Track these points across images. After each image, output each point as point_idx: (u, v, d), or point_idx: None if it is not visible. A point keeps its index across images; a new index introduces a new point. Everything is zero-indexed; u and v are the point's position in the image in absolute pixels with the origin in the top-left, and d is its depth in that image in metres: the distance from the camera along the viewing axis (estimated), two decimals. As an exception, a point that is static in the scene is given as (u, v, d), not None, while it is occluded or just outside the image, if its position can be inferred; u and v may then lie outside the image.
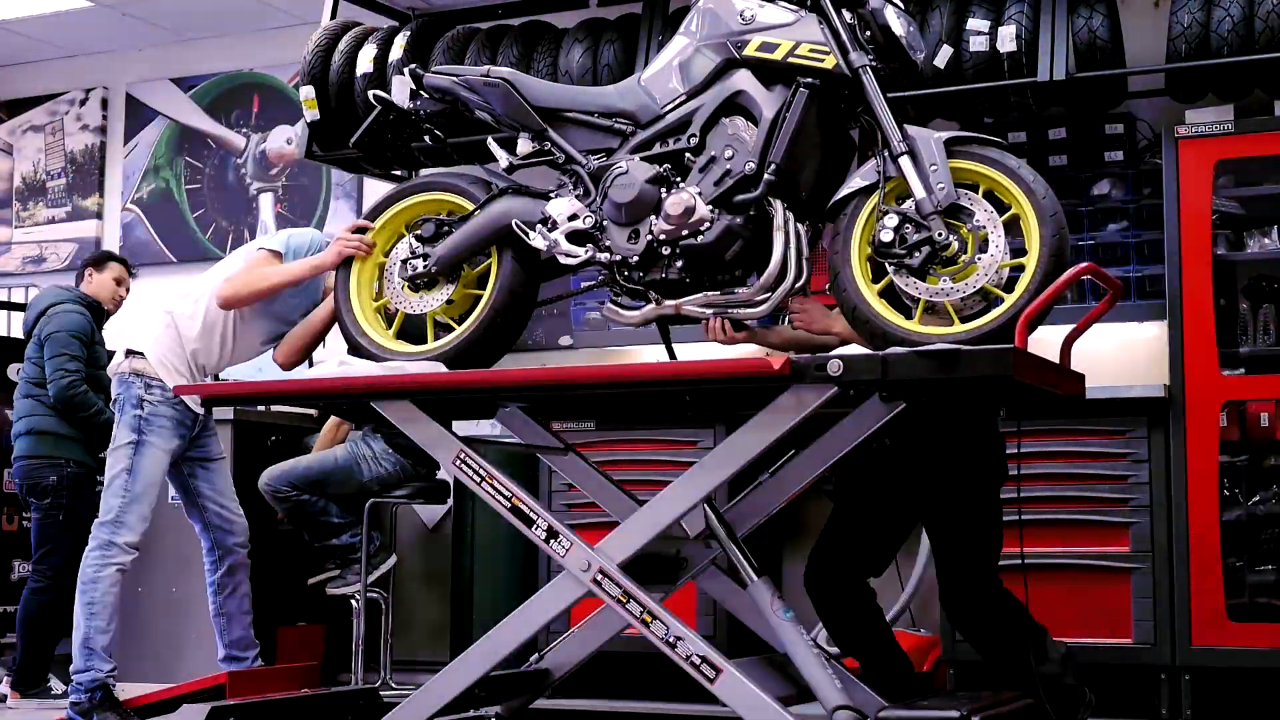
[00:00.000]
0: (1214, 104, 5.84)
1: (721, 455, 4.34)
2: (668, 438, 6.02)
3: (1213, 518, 5.38)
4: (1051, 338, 4.62)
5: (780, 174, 4.30)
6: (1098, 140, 6.18)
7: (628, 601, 4.29)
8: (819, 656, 4.32)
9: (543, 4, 6.96)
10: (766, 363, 4.06)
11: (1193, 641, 5.33)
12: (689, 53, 4.51)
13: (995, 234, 4.17)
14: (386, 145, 6.61)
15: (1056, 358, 4.37)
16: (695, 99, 4.48)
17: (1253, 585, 5.52)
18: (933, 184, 4.14)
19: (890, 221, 4.15)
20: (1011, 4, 5.81)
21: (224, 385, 5.84)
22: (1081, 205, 6.19)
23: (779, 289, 4.34)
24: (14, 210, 8.58)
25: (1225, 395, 5.48)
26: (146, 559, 6.41)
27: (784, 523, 6.30)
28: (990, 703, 4.37)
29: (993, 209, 4.21)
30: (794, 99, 4.33)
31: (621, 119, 4.57)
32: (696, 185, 4.37)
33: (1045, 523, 5.47)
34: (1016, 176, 4.19)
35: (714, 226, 4.35)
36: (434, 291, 4.62)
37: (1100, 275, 4.49)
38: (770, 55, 4.38)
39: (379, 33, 6.82)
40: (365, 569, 6.18)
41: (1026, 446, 5.27)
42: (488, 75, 4.66)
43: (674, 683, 4.47)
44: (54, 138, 8.54)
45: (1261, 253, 5.74)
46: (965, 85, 5.85)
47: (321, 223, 7.74)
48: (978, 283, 4.17)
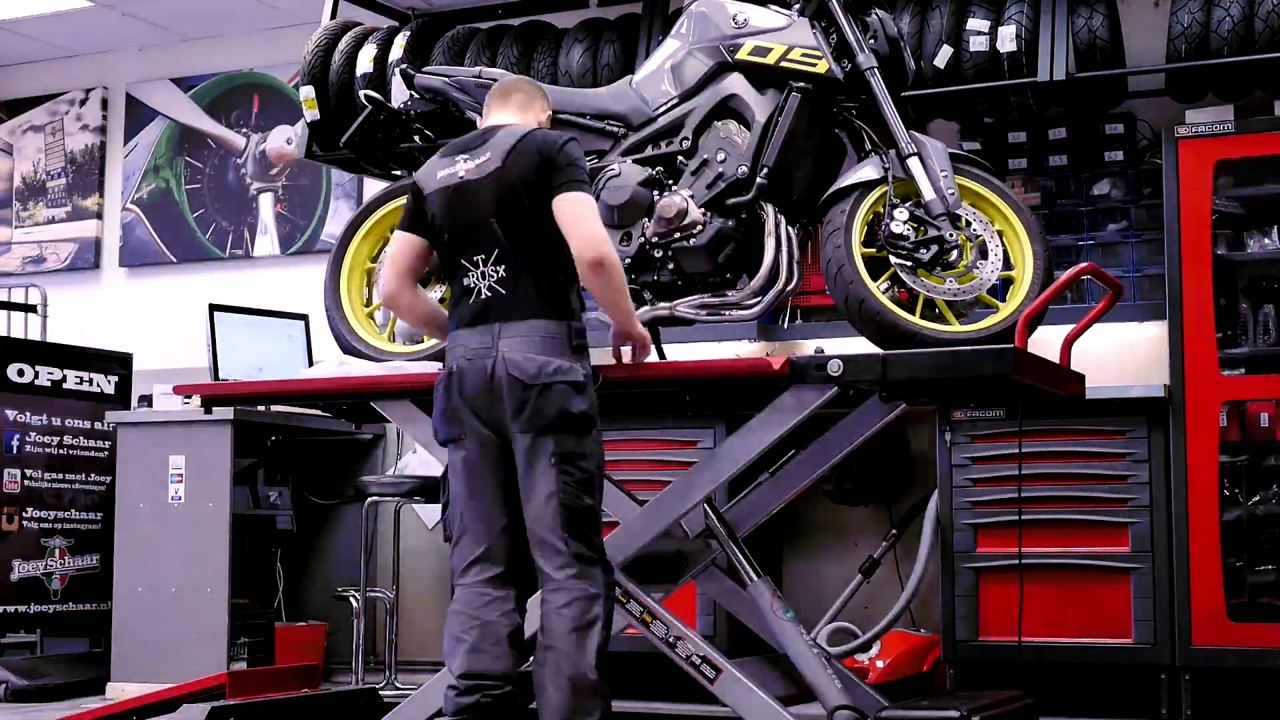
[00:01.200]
0: (1214, 104, 5.84)
1: (721, 455, 4.35)
2: (668, 438, 6.02)
3: (1213, 518, 5.38)
4: (1052, 338, 4.63)
5: (772, 177, 4.32)
6: (1098, 140, 6.17)
7: (628, 601, 4.30)
8: (819, 656, 4.33)
9: (543, 4, 6.95)
10: (766, 363, 4.07)
11: (1193, 641, 5.33)
12: (681, 56, 4.53)
13: (993, 244, 4.25)
14: (378, 145, 6.60)
15: (1057, 358, 4.37)
16: (687, 102, 4.49)
17: (1253, 585, 5.52)
18: (943, 188, 4.17)
19: (902, 215, 4.18)
20: (1011, 4, 5.80)
21: (224, 385, 5.84)
22: (1081, 205, 6.19)
23: (771, 291, 4.36)
24: (14, 210, 8.58)
25: (1225, 395, 5.48)
26: (148, 559, 6.42)
27: (784, 523, 6.31)
28: (990, 703, 4.38)
29: (988, 220, 4.28)
30: (786, 103, 4.35)
31: (614, 121, 4.58)
32: (689, 188, 4.39)
33: (1045, 523, 5.47)
34: (1007, 196, 4.30)
35: (706, 229, 4.37)
36: (427, 291, 4.63)
37: (1100, 275, 4.51)
38: (763, 59, 4.40)
39: (379, 33, 6.82)
40: (365, 568, 6.19)
41: (1026, 446, 5.29)
42: (480, 76, 4.67)
43: (674, 683, 4.47)
44: (54, 138, 8.54)
45: (1261, 253, 5.73)
46: (965, 85, 5.85)
47: (321, 223, 7.73)
48: (982, 286, 4.23)
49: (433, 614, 6.80)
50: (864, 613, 6.14)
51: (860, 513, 6.41)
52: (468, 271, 3.93)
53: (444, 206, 3.96)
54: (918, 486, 6.07)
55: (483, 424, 3.87)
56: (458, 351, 3.91)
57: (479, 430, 3.88)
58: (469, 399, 3.87)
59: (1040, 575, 5.40)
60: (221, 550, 6.38)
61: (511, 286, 3.88)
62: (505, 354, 3.82)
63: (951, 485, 5.65)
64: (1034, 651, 5.32)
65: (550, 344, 3.84)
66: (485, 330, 3.86)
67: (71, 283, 8.28)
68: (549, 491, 3.80)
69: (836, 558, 6.46)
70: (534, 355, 3.82)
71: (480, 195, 3.92)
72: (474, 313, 3.90)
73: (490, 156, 3.93)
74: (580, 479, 3.83)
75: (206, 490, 6.41)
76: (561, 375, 3.81)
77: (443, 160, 4.02)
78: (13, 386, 6.93)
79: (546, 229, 3.88)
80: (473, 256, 3.92)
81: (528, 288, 3.88)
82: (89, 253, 8.32)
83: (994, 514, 5.56)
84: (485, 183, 3.92)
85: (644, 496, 4.72)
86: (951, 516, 5.63)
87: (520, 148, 3.92)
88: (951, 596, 5.60)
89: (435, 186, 3.99)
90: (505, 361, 3.81)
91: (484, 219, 3.91)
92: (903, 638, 5.89)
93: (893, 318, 4.15)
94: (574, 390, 3.82)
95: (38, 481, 6.96)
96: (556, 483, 3.80)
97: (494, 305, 3.88)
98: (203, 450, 6.42)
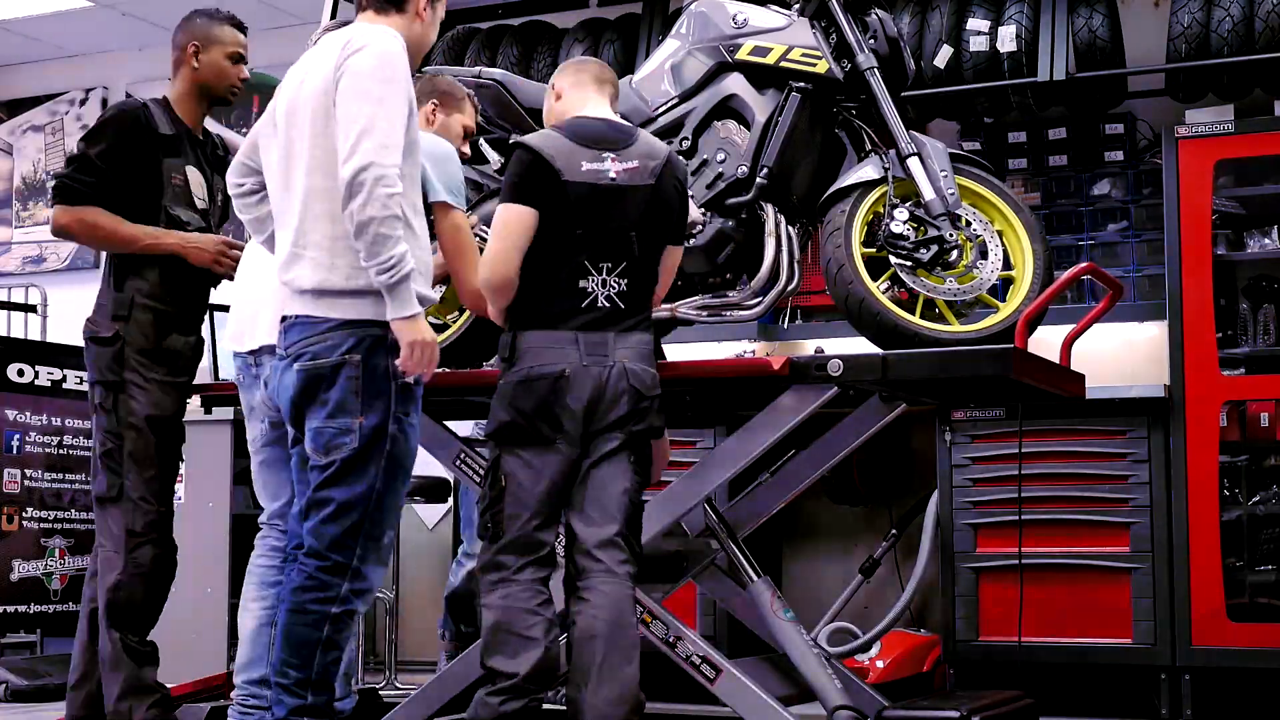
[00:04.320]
0: (1214, 104, 5.84)
1: (721, 455, 4.35)
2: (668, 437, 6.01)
3: (1213, 518, 5.38)
4: (1052, 338, 4.63)
5: (772, 177, 4.32)
6: (1098, 140, 6.17)
7: (627, 601, 4.29)
8: (819, 657, 4.33)
9: (543, 4, 6.95)
10: (766, 363, 4.07)
11: (1192, 641, 5.33)
12: (681, 56, 4.53)
13: (993, 244, 4.24)
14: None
15: (1057, 358, 4.37)
16: (687, 102, 4.49)
17: (1252, 585, 5.52)
18: (943, 188, 4.17)
19: (902, 215, 4.18)
20: (1011, 4, 5.81)
21: (224, 385, 5.83)
22: (1081, 205, 6.19)
23: (771, 292, 4.36)
24: (14, 210, 8.58)
25: (1225, 395, 5.48)
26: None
27: (784, 523, 6.30)
28: (990, 703, 4.38)
29: (988, 220, 4.28)
30: (786, 103, 4.35)
31: None
32: (689, 188, 4.39)
33: (1045, 522, 5.47)
34: (1007, 196, 4.30)
35: (706, 229, 4.37)
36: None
37: (1100, 275, 4.51)
38: (763, 59, 4.40)
39: (379, 33, 6.82)
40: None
41: (1027, 446, 5.28)
42: (479, 76, 4.67)
43: (674, 682, 4.46)
44: (54, 137, 8.54)
45: (1261, 253, 5.73)
46: (965, 85, 5.85)
47: (321, 223, 7.74)
48: (982, 286, 4.22)
49: (432, 614, 6.79)
50: (864, 613, 6.14)
51: (860, 513, 6.41)
52: (587, 274, 3.83)
53: (589, 202, 3.83)
54: (918, 486, 6.07)
55: (577, 428, 3.82)
56: (567, 354, 3.81)
57: (570, 434, 3.82)
58: (575, 403, 3.80)
59: (1040, 575, 5.40)
60: (221, 550, 6.37)
61: (629, 300, 3.87)
62: (626, 364, 3.82)
63: (951, 485, 5.65)
64: (1034, 651, 5.32)
65: (651, 359, 3.92)
66: (600, 338, 3.82)
67: (71, 283, 8.26)
68: (623, 488, 3.84)
69: (836, 558, 6.46)
70: (648, 367, 3.88)
71: (628, 203, 3.85)
72: (589, 319, 3.83)
73: (639, 166, 3.87)
74: (642, 484, 3.91)
75: (206, 490, 6.40)
76: (659, 389, 3.89)
77: (580, 149, 3.86)
78: (13, 386, 6.93)
79: (660, 255, 3.97)
80: (599, 262, 3.84)
81: (642, 304, 3.92)
82: (88, 253, 8.31)
83: (994, 514, 5.56)
84: (635, 193, 3.86)
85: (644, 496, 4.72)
86: (951, 516, 5.63)
87: (668, 172, 3.91)
88: (951, 596, 5.60)
89: (580, 178, 3.82)
90: (626, 372, 3.82)
91: (625, 228, 3.85)
92: (903, 638, 5.88)
93: (893, 318, 4.15)
94: (660, 404, 3.92)
95: (37, 481, 6.97)
96: (631, 480, 3.85)
97: (612, 315, 3.84)
98: (203, 450, 6.41)
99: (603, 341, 3.81)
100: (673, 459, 5.91)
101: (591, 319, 3.82)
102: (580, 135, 3.88)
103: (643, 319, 3.91)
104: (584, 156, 3.84)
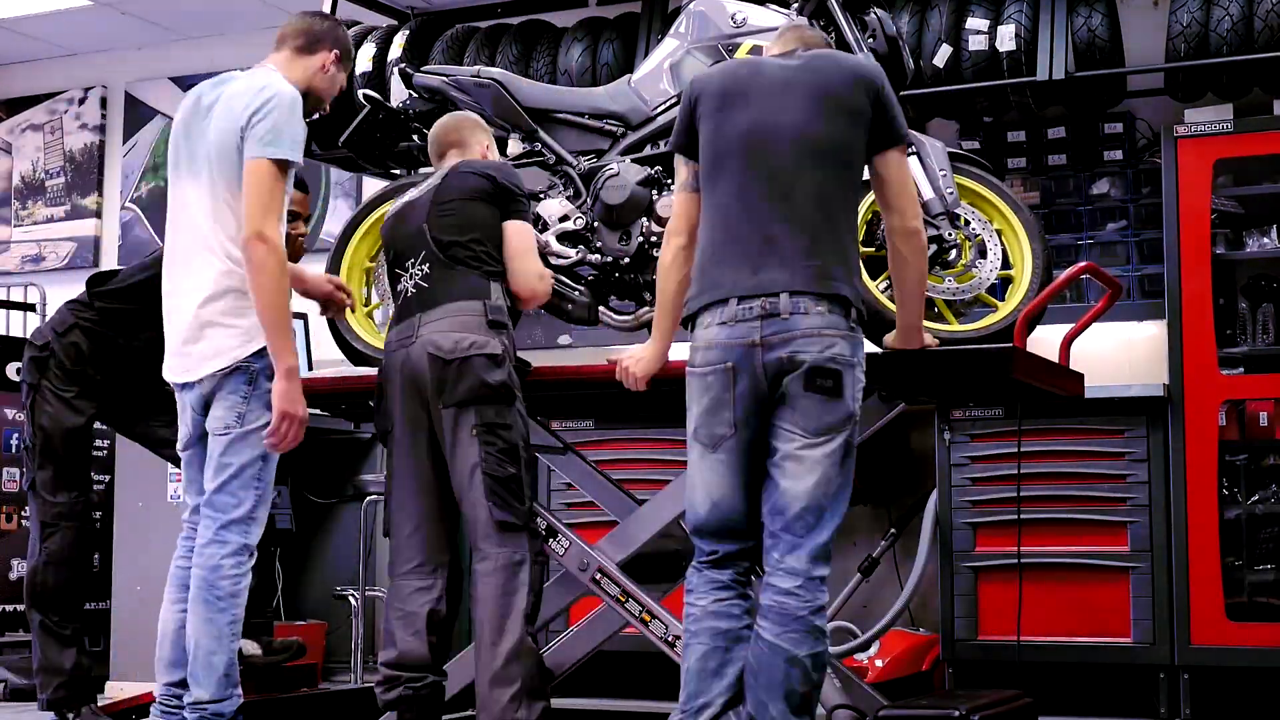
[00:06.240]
0: (1213, 103, 5.84)
1: (721, 455, 4.33)
2: (668, 437, 6.01)
3: (1212, 517, 5.38)
4: (1051, 337, 4.63)
5: None
6: (1097, 139, 6.18)
7: (626, 600, 4.30)
8: (818, 656, 4.32)
9: (542, 3, 6.95)
10: (766, 362, 4.05)
11: (1192, 641, 5.33)
12: (680, 55, 4.53)
13: (992, 243, 4.25)
14: (376, 144, 6.60)
15: (1056, 357, 4.38)
16: None
17: (1252, 584, 5.53)
18: (942, 187, 4.18)
19: None
20: (1011, 3, 5.81)
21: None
22: (1081, 205, 6.19)
23: None
24: (13, 209, 8.58)
25: (1225, 394, 5.48)
26: (147, 558, 6.41)
27: (783, 522, 6.29)
28: (990, 702, 4.38)
29: (987, 219, 4.28)
30: None
31: (612, 120, 4.59)
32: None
33: (1044, 521, 5.47)
34: (1006, 196, 4.30)
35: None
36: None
37: (1099, 275, 4.51)
38: None
39: (378, 32, 6.82)
40: (364, 568, 6.18)
41: (1026, 445, 5.28)
42: (478, 75, 4.67)
43: (674, 682, 4.46)
44: (53, 136, 8.54)
45: (1261, 252, 5.74)
46: (965, 85, 5.85)
47: (321, 222, 7.73)
48: (981, 285, 4.23)
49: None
50: (863, 612, 6.13)
51: (860, 512, 6.40)
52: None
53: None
54: (917, 485, 6.07)
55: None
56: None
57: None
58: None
59: (1039, 575, 5.40)
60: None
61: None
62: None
63: (950, 484, 5.65)
64: (1033, 651, 5.32)
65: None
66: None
67: (71, 282, 8.22)
68: (473, 463, 3.91)
69: (836, 557, 6.43)
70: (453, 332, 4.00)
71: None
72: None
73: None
74: (503, 448, 3.93)
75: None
76: (477, 350, 3.95)
77: None
78: (13, 386, 6.92)
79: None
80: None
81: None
82: (88, 251, 8.32)
83: (993, 513, 5.57)
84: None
85: (644, 496, 4.72)
86: (950, 516, 5.63)
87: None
88: (950, 596, 5.61)
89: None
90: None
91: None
92: (902, 637, 5.89)
93: (893, 317, 4.15)
94: (492, 363, 3.95)
95: (37, 481, 6.95)
96: (479, 453, 3.91)
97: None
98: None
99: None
100: (673, 459, 5.93)
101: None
102: None
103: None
104: None
